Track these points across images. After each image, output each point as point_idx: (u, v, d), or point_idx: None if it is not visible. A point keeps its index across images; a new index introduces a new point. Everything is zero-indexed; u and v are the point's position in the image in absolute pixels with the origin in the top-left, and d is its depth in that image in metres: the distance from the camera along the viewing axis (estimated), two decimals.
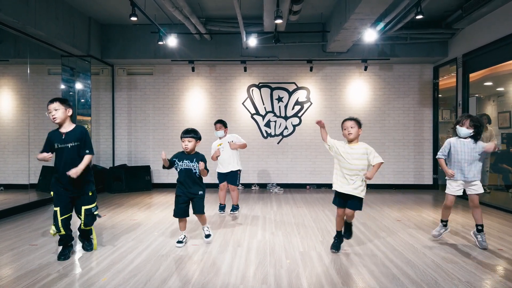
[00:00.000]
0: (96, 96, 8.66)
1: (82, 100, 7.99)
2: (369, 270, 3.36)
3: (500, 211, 6.11)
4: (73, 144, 3.62)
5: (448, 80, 8.51)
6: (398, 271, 3.32)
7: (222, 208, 5.88)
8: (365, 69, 8.50)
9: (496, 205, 6.39)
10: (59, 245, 3.71)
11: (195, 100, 8.87)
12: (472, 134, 4.00)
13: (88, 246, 3.89)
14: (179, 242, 4.09)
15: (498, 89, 8.69)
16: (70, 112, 3.68)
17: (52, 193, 3.63)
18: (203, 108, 8.86)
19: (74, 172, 3.48)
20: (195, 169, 4.05)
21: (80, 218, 3.73)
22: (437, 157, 4.24)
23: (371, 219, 5.44)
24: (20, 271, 3.30)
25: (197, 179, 4.11)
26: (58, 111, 3.59)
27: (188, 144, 4.05)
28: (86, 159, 3.63)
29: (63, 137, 3.62)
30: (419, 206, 6.57)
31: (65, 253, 3.64)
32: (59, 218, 3.58)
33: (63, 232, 3.60)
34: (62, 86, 7.61)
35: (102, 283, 3.04)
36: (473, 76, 7.56)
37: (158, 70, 8.89)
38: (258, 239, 4.39)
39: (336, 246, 3.87)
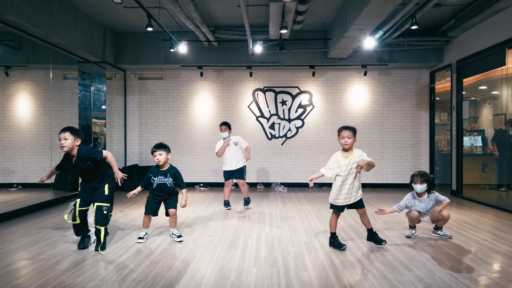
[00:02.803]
0: (109, 99, 9.12)
1: (92, 102, 8.45)
2: (366, 256, 3.81)
3: (492, 208, 6.56)
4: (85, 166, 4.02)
5: (445, 84, 8.95)
6: (392, 257, 3.76)
7: (226, 204, 6.31)
8: (365, 74, 8.95)
9: (489, 203, 6.83)
10: (76, 235, 4.11)
11: (203, 104, 9.34)
12: (426, 188, 4.38)
13: (97, 245, 3.96)
14: (140, 238, 4.31)
15: (493, 92, 9.11)
16: (78, 142, 3.94)
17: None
18: (211, 111, 9.33)
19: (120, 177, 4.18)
20: (170, 184, 4.34)
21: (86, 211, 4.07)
22: (396, 209, 4.50)
23: (369, 215, 5.86)
24: (59, 256, 3.76)
25: (171, 191, 4.39)
26: (67, 140, 3.86)
27: (160, 157, 4.28)
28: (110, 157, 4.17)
29: (73, 163, 3.99)
30: None
31: (85, 243, 4.06)
32: (77, 208, 4.01)
33: (78, 221, 4.00)
34: (79, 90, 8.07)
35: (133, 266, 3.49)
36: (469, 80, 8.00)
37: (168, 75, 9.36)
38: (266, 231, 4.84)
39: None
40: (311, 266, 3.49)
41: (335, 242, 4.08)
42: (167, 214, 4.47)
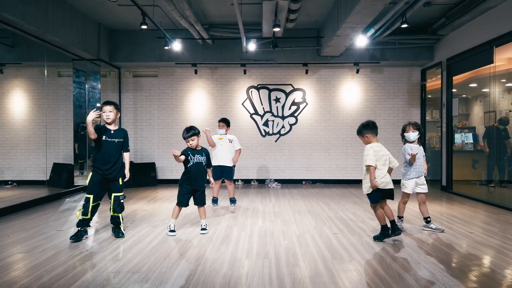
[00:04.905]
0: (104, 97, 9.15)
1: (86, 100, 8.49)
2: (355, 248, 3.92)
3: (482, 203, 6.71)
4: (118, 140, 4.31)
5: (436, 82, 9.08)
6: (379, 249, 3.88)
7: (215, 201, 6.34)
8: (357, 72, 9.07)
9: (479, 198, 6.98)
10: (77, 226, 4.21)
11: (197, 101, 9.42)
12: (418, 136, 4.57)
13: (118, 233, 4.34)
14: (171, 231, 4.46)
15: (483, 90, 9.25)
16: (118, 115, 4.39)
17: (88, 181, 4.21)
18: (205, 108, 9.41)
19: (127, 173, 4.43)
20: (204, 162, 4.56)
21: (110, 203, 4.29)
22: (408, 159, 4.54)
23: (361, 209, 6.00)
24: (55, 249, 3.84)
25: (204, 173, 4.57)
26: (112, 113, 4.25)
27: (193, 142, 4.54)
28: (128, 155, 4.56)
29: (112, 133, 4.26)
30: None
31: (79, 235, 4.17)
32: (91, 204, 4.15)
33: (89, 216, 4.16)
34: (73, 88, 8.12)
35: (128, 258, 3.57)
36: (459, 77, 8.13)
37: (162, 73, 9.43)
38: (259, 225, 4.94)
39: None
40: (302, 257, 3.60)
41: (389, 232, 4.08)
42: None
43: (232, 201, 6.31)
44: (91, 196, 4.15)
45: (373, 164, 4.00)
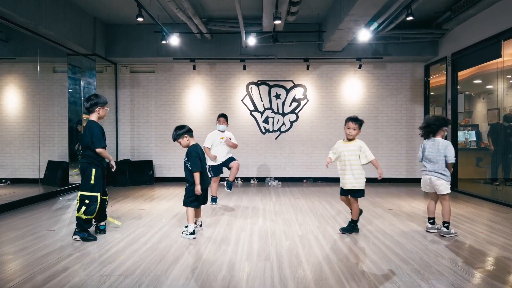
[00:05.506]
0: (100, 93, 8.89)
1: (82, 96, 8.26)
2: (361, 249, 3.72)
3: (487, 201, 6.53)
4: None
5: (439, 78, 8.88)
6: (388, 250, 3.68)
7: (214, 200, 6.07)
8: (360, 68, 8.86)
9: (484, 196, 6.81)
10: (85, 226, 3.99)
11: (196, 97, 9.20)
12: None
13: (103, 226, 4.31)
14: (191, 233, 4.16)
15: (487, 86, 9.06)
16: None
17: (93, 180, 3.97)
18: (204, 105, 9.19)
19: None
20: (186, 163, 4.27)
21: (105, 201, 4.23)
22: (452, 162, 4.30)
23: (364, 208, 5.79)
24: (45, 250, 3.63)
25: (187, 173, 4.22)
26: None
27: (181, 145, 4.32)
28: None
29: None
30: (410, 197, 6.96)
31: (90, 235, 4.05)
32: (99, 200, 4.04)
33: (94, 215, 4.04)
34: (68, 84, 7.90)
35: (121, 260, 3.37)
36: (463, 74, 7.93)
37: (160, 68, 9.21)
38: (260, 225, 4.74)
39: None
40: (305, 259, 3.40)
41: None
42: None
43: (230, 185, 5.86)
44: (99, 194, 4.04)
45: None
